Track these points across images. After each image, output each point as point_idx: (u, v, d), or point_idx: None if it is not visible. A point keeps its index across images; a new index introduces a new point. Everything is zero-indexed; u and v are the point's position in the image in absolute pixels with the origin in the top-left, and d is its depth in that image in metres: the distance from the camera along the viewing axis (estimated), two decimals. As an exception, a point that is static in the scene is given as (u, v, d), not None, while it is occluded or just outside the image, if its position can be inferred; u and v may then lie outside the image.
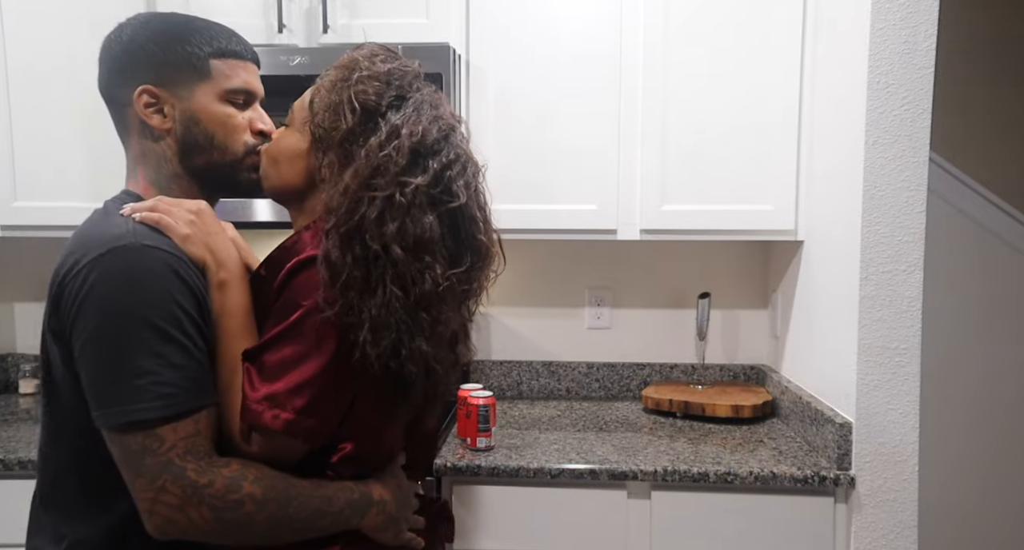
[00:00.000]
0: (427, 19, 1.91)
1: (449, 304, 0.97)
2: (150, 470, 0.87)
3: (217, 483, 0.89)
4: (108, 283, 0.88)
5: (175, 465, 0.87)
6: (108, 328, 0.88)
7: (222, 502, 0.89)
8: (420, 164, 0.94)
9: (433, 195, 0.95)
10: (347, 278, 0.90)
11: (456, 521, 1.67)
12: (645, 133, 1.90)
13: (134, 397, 0.87)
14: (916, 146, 1.56)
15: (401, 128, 0.94)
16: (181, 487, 0.87)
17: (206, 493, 0.88)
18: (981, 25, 2.90)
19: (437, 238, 0.94)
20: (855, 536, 1.61)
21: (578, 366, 2.29)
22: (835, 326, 1.72)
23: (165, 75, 1.01)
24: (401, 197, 0.92)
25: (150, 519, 0.88)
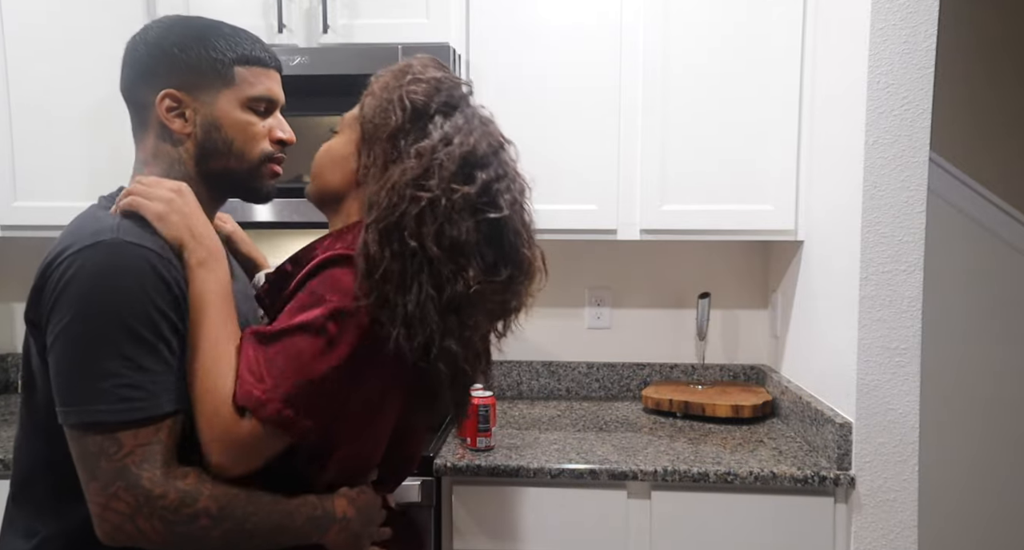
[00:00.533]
0: (427, 19, 1.91)
1: (481, 311, 0.98)
2: (104, 474, 0.85)
3: (171, 495, 0.87)
4: (86, 278, 0.87)
5: (130, 472, 0.86)
6: (80, 324, 0.86)
7: (175, 515, 0.87)
8: (469, 173, 0.96)
9: (477, 204, 0.96)
10: (384, 271, 0.91)
11: (456, 521, 1.68)
12: (645, 133, 1.90)
13: (96, 398, 0.85)
14: (916, 146, 1.56)
15: (453, 136, 0.97)
16: (134, 496, 0.85)
17: (159, 505, 0.86)
18: (981, 25, 2.90)
19: (473, 243, 0.95)
20: (855, 536, 1.61)
21: (578, 366, 2.29)
22: (835, 326, 1.72)
23: (189, 80, 1.00)
24: (447, 202, 0.93)
25: (100, 524, 0.87)
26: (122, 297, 0.87)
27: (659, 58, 1.89)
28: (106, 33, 1.93)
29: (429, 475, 1.65)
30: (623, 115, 1.91)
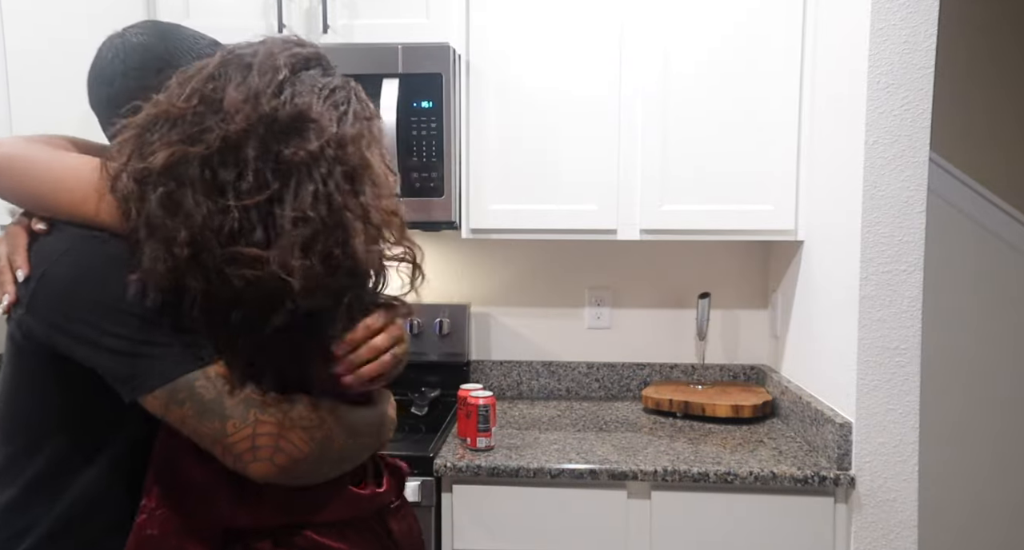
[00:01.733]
0: (427, 19, 1.91)
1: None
2: (235, 410, 0.88)
3: (296, 407, 0.91)
4: (99, 269, 0.89)
5: (255, 400, 0.89)
6: (121, 306, 0.88)
7: (308, 422, 0.91)
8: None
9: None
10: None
11: (456, 521, 1.68)
12: (645, 133, 1.90)
13: (184, 352, 0.88)
14: (916, 146, 1.56)
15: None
16: (272, 416, 0.89)
17: (293, 416, 0.90)
18: (982, 25, 2.90)
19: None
20: (855, 536, 1.61)
21: (578, 366, 2.29)
22: (835, 326, 1.72)
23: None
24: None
25: (256, 457, 0.88)
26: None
27: (659, 58, 1.89)
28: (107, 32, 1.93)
29: (429, 475, 1.65)
30: (623, 115, 1.91)
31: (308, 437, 0.90)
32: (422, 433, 1.85)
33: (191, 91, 0.89)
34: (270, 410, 0.89)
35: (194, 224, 0.85)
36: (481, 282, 2.31)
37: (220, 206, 0.85)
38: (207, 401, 0.88)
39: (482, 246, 2.27)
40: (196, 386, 0.88)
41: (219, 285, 0.86)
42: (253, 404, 0.89)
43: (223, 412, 0.88)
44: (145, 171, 0.87)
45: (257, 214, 0.85)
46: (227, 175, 0.86)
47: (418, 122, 1.84)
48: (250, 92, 0.87)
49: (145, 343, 0.88)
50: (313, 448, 0.91)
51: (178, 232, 0.84)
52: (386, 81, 1.80)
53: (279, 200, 0.86)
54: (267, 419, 0.89)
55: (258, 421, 0.88)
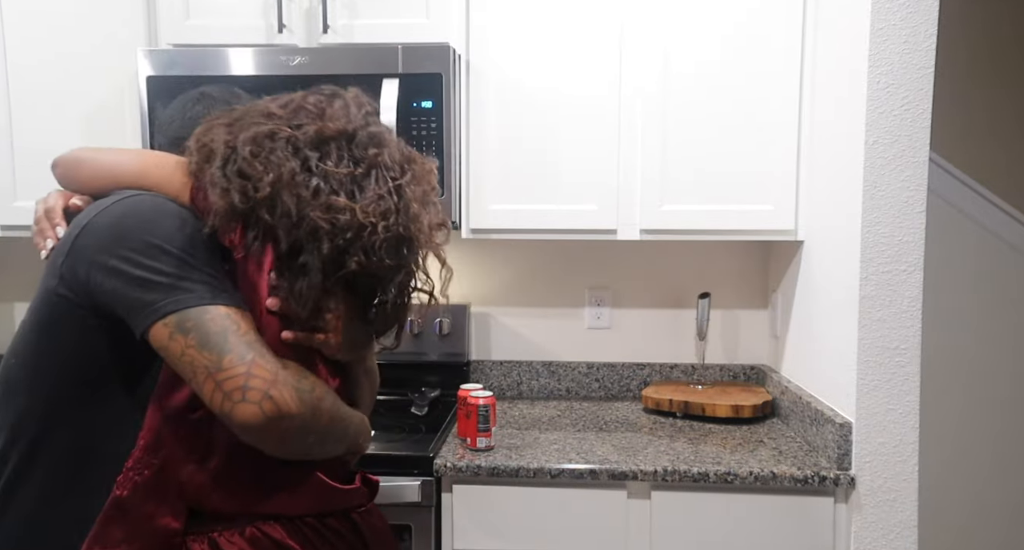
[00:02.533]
0: (427, 19, 1.91)
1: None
2: (237, 347, 0.91)
3: (291, 367, 0.95)
4: (145, 211, 0.98)
5: (258, 347, 0.93)
6: (154, 242, 0.95)
7: (299, 385, 0.94)
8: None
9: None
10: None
11: (456, 521, 1.68)
12: (645, 133, 1.90)
13: (203, 287, 0.94)
14: (916, 146, 1.56)
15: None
16: (270, 366, 0.92)
17: (286, 374, 0.93)
18: (982, 24, 2.90)
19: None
20: (855, 536, 1.61)
21: (578, 366, 2.29)
22: (835, 326, 1.72)
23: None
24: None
25: (245, 397, 0.90)
26: (184, 221, 0.98)
27: (659, 58, 1.89)
28: (106, 33, 1.93)
29: (429, 475, 1.65)
30: (623, 115, 1.91)
31: (298, 398, 0.93)
32: (422, 433, 1.85)
33: (288, 102, 1.05)
34: (268, 358, 0.92)
35: (282, 171, 0.97)
36: (481, 282, 2.31)
37: (306, 166, 0.98)
38: (212, 333, 0.91)
39: (482, 246, 2.27)
40: (206, 318, 0.92)
41: (291, 226, 0.96)
42: (255, 349, 0.92)
43: (224, 345, 0.91)
44: (234, 138, 1.00)
45: (340, 183, 0.99)
46: (312, 155, 0.99)
47: (418, 122, 1.84)
48: (347, 112, 1.04)
49: (176, 277, 0.93)
50: (301, 410, 0.93)
51: (264, 175, 0.96)
52: (386, 81, 1.80)
53: (362, 178, 1.00)
54: (264, 364, 0.91)
55: (255, 363, 0.91)
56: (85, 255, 0.96)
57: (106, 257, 0.94)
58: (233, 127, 1.02)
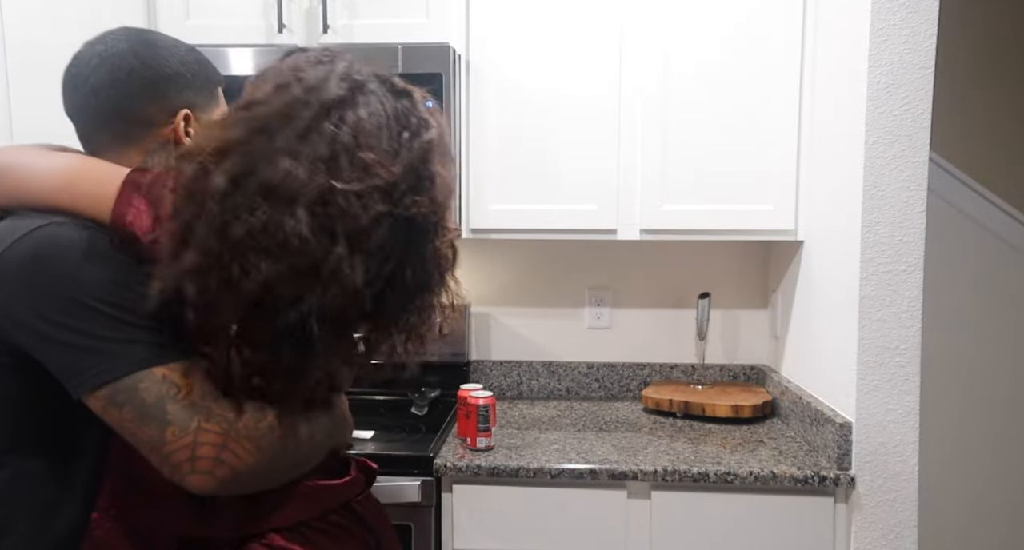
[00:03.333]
0: (427, 19, 1.91)
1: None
2: (178, 416, 0.83)
3: (244, 414, 0.87)
4: (55, 257, 0.85)
5: (200, 405, 0.84)
6: (70, 296, 0.84)
7: (256, 431, 0.86)
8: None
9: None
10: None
11: (456, 521, 1.68)
12: (645, 133, 1.90)
13: (133, 350, 0.84)
14: (916, 146, 1.56)
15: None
16: (217, 424, 0.84)
17: (239, 426, 0.85)
18: (982, 24, 2.90)
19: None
20: (855, 536, 1.61)
21: (578, 366, 2.29)
22: (835, 326, 1.72)
23: (195, 100, 1.03)
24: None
25: (195, 469, 0.83)
26: (103, 261, 0.86)
27: (659, 58, 1.89)
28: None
29: (429, 475, 1.65)
30: (623, 115, 1.91)
31: (254, 447, 0.86)
32: (422, 433, 1.85)
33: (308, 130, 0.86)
34: (216, 417, 0.85)
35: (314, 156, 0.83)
36: (481, 282, 2.31)
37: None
38: (148, 405, 0.83)
39: (482, 246, 2.27)
40: (140, 388, 0.83)
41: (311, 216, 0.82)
42: (199, 410, 0.84)
43: (164, 417, 0.83)
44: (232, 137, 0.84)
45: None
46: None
47: (418, 122, 1.83)
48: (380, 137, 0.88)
49: (101, 339, 0.83)
50: (259, 458, 0.87)
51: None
52: (386, 81, 1.80)
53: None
54: (211, 427, 0.84)
55: (200, 429, 0.83)
56: (15, 299, 0.85)
57: (20, 310, 0.84)
58: (234, 161, 0.83)
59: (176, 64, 1.01)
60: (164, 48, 1.02)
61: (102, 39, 1.01)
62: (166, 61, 1.00)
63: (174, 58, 1.01)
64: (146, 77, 0.99)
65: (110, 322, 0.84)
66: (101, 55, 0.99)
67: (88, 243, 0.86)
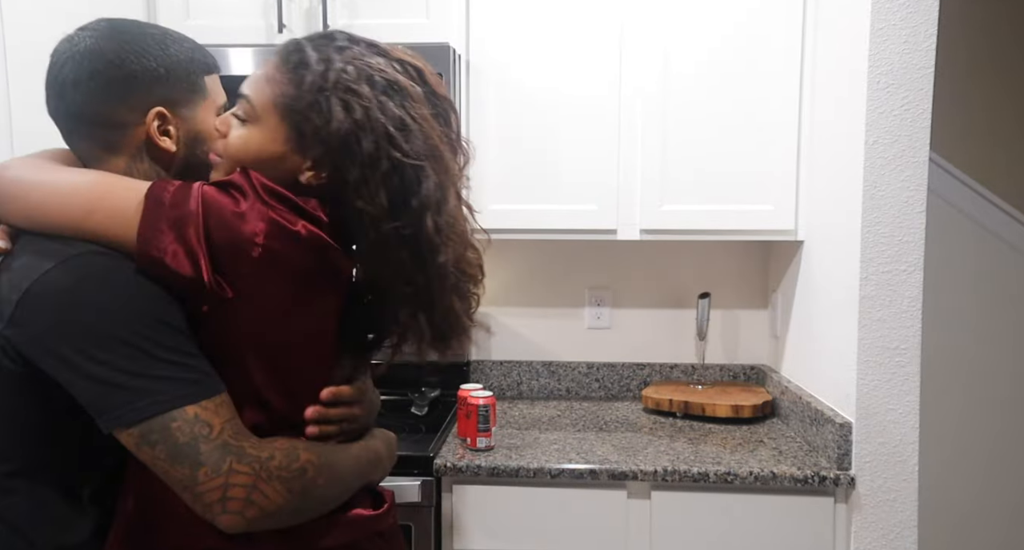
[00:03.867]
0: (427, 19, 1.91)
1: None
2: (210, 457, 0.83)
3: (277, 455, 0.87)
4: (91, 288, 0.84)
5: (233, 446, 0.84)
6: (110, 328, 0.83)
7: (288, 472, 0.87)
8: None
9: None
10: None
11: (456, 521, 1.68)
12: (646, 133, 1.90)
13: (168, 387, 0.83)
14: (916, 146, 1.56)
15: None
16: (248, 464, 0.84)
17: (272, 466, 0.86)
18: (982, 24, 2.90)
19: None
20: (855, 536, 1.61)
21: (578, 366, 2.29)
22: (835, 326, 1.72)
23: (170, 95, 0.95)
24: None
25: (226, 509, 0.84)
26: (132, 294, 0.84)
27: (659, 57, 1.89)
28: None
29: (429, 475, 1.65)
30: (623, 115, 1.91)
31: (285, 489, 0.86)
32: (422, 433, 1.85)
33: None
34: (247, 458, 0.85)
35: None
36: (481, 282, 2.30)
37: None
38: (180, 444, 0.83)
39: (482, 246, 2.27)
40: (172, 427, 0.83)
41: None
42: (230, 451, 0.84)
43: (196, 458, 0.83)
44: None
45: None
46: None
47: (418, 122, 1.83)
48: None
49: (134, 375, 0.82)
50: (290, 499, 0.87)
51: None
52: (386, 81, 1.81)
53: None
54: (243, 468, 0.84)
55: (232, 471, 0.83)
56: (27, 331, 0.84)
57: (54, 342, 0.83)
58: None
59: (146, 59, 0.93)
60: (133, 42, 0.94)
61: (71, 36, 0.97)
62: (134, 57, 0.93)
63: (145, 52, 0.94)
64: (111, 76, 0.92)
65: (145, 358, 0.83)
66: (68, 53, 0.95)
67: (117, 275, 0.85)
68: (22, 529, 0.90)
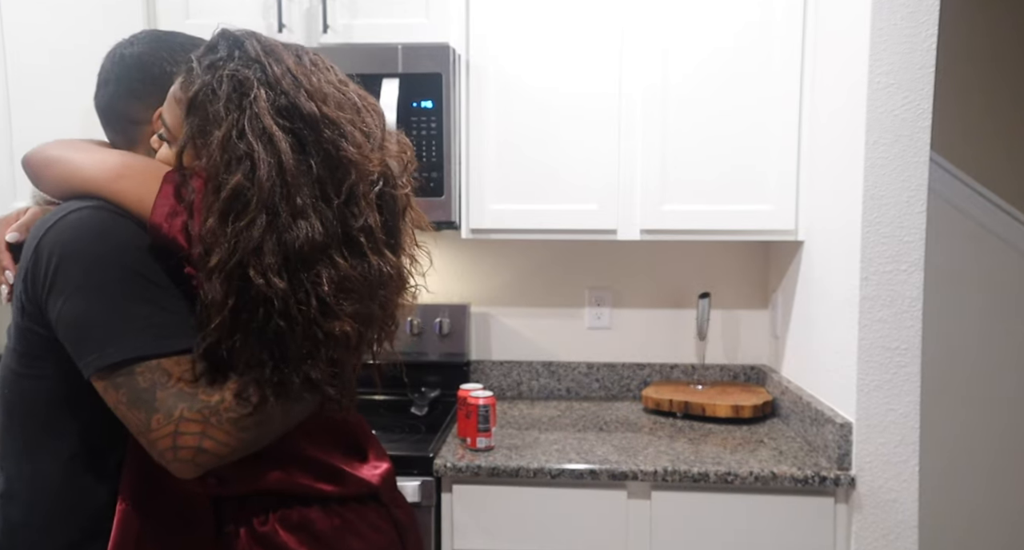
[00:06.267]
0: (427, 19, 1.91)
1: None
2: (164, 403, 0.88)
3: (227, 398, 0.90)
4: (85, 236, 0.91)
5: (186, 393, 0.89)
6: (95, 275, 0.89)
7: (239, 412, 0.90)
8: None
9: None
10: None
11: (456, 521, 1.68)
12: (646, 133, 1.90)
13: (135, 336, 0.89)
14: (916, 146, 1.56)
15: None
16: (199, 411, 0.88)
17: (221, 409, 0.89)
18: (983, 24, 2.90)
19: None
20: (855, 536, 1.61)
21: (578, 366, 2.29)
22: (835, 326, 1.72)
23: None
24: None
25: (177, 456, 0.88)
26: (125, 246, 0.91)
27: (659, 57, 1.88)
28: (105, 34, 1.92)
29: (429, 475, 1.65)
30: (623, 115, 1.91)
31: (236, 429, 0.90)
32: (422, 433, 1.85)
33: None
34: (198, 404, 0.88)
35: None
36: (481, 282, 2.31)
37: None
38: (140, 390, 0.88)
39: (482, 246, 2.27)
40: (136, 372, 0.88)
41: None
42: (184, 398, 0.88)
43: (151, 404, 0.88)
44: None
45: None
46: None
47: (418, 122, 1.84)
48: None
49: (108, 326, 0.89)
50: (244, 437, 0.91)
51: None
52: (386, 81, 1.80)
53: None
54: (192, 416, 0.88)
55: (183, 419, 0.88)
56: (35, 284, 0.92)
57: (48, 289, 0.90)
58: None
59: (168, 64, 1.04)
60: (162, 49, 1.06)
61: (121, 41, 1.10)
62: (159, 62, 1.04)
63: (169, 58, 1.05)
64: (134, 77, 1.04)
65: (120, 307, 0.89)
66: (110, 55, 1.07)
67: (119, 230, 0.92)
68: (47, 494, 0.97)
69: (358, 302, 0.92)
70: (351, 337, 0.92)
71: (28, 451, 0.98)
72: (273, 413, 0.92)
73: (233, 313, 0.87)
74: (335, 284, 0.89)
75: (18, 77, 1.98)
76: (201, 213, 0.89)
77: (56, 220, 0.92)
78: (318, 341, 0.90)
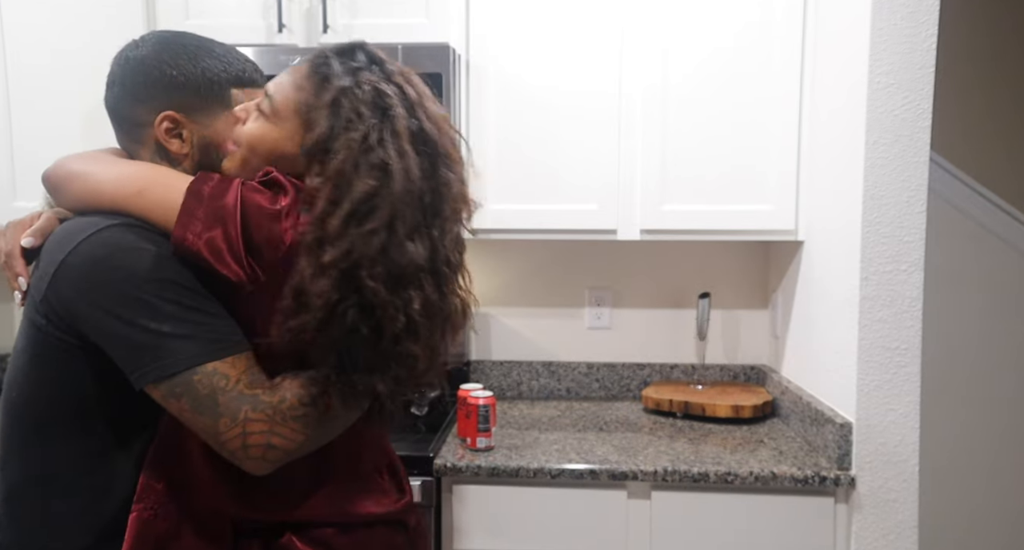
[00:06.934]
0: (427, 19, 1.91)
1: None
2: (228, 407, 0.90)
3: (288, 396, 0.93)
4: (118, 253, 0.92)
5: (247, 395, 0.91)
6: (134, 291, 0.90)
7: (302, 409, 0.93)
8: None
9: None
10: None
11: (456, 521, 1.68)
12: (646, 132, 1.90)
13: (189, 345, 0.90)
14: (916, 146, 1.56)
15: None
16: (263, 411, 0.91)
17: (285, 408, 0.92)
18: (983, 23, 2.90)
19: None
20: (855, 536, 1.61)
21: (578, 366, 2.29)
22: (835, 326, 1.72)
23: (186, 102, 1.03)
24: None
25: (248, 454, 0.91)
26: (158, 259, 0.92)
27: (659, 57, 1.88)
28: (105, 33, 1.93)
29: (429, 475, 1.65)
30: (623, 115, 1.91)
31: (301, 426, 0.93)
32: (422, 433, 1.85)
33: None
34: (261, 405, 0.91)
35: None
36: (481, 282, 2.29)
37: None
38: (202, 397, 0.90)
39: (482, 246, 2.27)
40: (194, 380, 0.90)
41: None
42: (246, 400, 0.91)
43: (216, 409, 0.90)
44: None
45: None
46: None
47: (418, 122, 1.83)
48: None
49: (158, 334, 0.90)
50: (309, 434, 0.94)
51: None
52: (386, 81, 1.80)
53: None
54: (257, 416, 0.91)
55: (248, 420, 0.90)
56: (64, 298, 0.93)
57: (86, 307, 0.91)
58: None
59: (170, 68, 1.02)
60: (166, 52, 1.03)
61: (129, 43, 1.08)
62: (161, 65, 1.02)
63: (172, 62, 1.02)
64: (137, 81, 1.03)
65: (166, 317, 0.90)
66: (117, 58, 1.07)
67: (151, 244, 0.93)
68: (71, 483, 0.98)
69: (431, 331, 0.95)
70: (420, 361, 0.95)
71: (35, 453, 0.98)
72: (337, 413, 0.95)
73: (331, 310, 0.88)
74: (423, 308, 0.92)
75: (18, 77, 1.98)
76: (315, 204, 0.89)
77: (87, 236, 0.93)
78: (391, 357, 0.93)
